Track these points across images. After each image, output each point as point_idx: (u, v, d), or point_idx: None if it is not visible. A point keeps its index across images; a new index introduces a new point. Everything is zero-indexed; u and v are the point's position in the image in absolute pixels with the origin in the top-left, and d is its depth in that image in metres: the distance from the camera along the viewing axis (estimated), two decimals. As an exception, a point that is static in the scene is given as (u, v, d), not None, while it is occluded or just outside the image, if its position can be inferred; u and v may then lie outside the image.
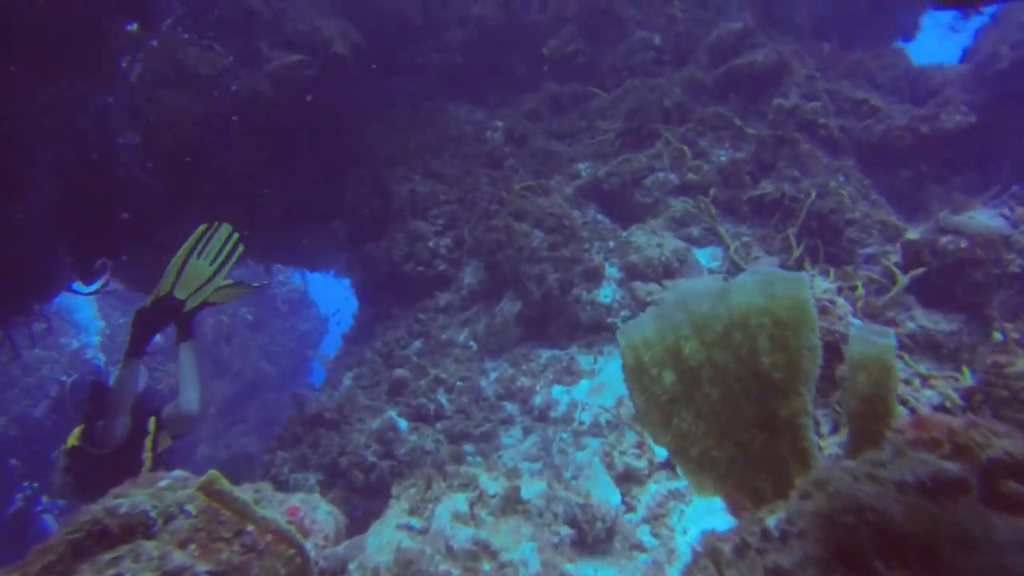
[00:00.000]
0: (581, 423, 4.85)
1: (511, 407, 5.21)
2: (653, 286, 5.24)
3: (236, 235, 3.58)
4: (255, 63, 6.54)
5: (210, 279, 3.54)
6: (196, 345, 4.09)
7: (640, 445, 4.21)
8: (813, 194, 5.18)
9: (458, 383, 5.46)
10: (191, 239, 3.52)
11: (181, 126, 6.21)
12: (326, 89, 7.12)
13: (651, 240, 5.64)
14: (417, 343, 6.22)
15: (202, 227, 3.54)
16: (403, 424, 5.26)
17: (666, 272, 5.53)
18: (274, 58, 6.59)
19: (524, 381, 5.35)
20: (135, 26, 5.38)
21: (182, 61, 5.78)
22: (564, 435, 4.83)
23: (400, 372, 5.59)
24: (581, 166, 7.03)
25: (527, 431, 5.06)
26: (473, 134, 7.82)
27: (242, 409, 14.99)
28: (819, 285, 3.85)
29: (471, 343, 5.95)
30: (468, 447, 4.99)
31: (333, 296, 11.85)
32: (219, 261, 3.53)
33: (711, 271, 5.65)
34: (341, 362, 7.27)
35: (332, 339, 14.62)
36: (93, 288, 9.31)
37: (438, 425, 5.24)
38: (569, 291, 5.72)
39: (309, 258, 8.98)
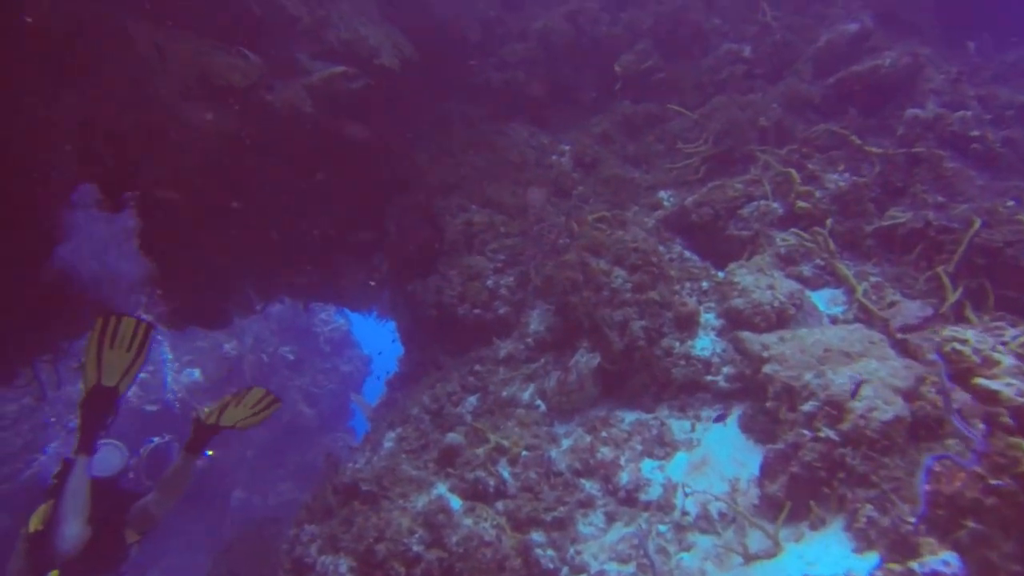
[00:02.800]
0: (685, 513, 3.79)
1: (590, 486, 4.19)
2: (768, 338, 4.20)
3: (144, 325, 3.67)
4: (292, 74, 5.82)
5: (132, 364, 3.63)
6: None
7: (772, 551, 3.15)
8: (977, 223, 4.09)
9: (523, 453, 4.47)
10: (95, 332, 3.57)
11: (207, 146, 5.50)
12: (372, 106, 6.37)
13: (759, 281, 4.61)
14: (472, 400, 5.27)
15: (100, 320, 3.59)
16: (456, 503, 4.29)
17: (779, 320, 4.48)
18: (315, 70, 5.87)
19: (605, 452, 4.34)
20: None
21: (207, 70, 5.07)
22: (662, 528, 3.78)
23: (453, 437, 4.64)
24: (663, 195, 6.08)
25: (611, 518, 4.02)
26: (536, 159, 6.97)
27: (280, 453, 14.22)
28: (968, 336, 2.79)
29: (538, 403, 4.97)
30: (537, 536, 3.98)
31: (378, 336, 11.04)
32: (135, 346, 3.62)
33: (833, 319, 4.59)
34: (383, 414, 6.37)
35: (375, 382, 13.81)
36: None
37: (499, 505, 4.25)
38: (658, 342, 4.72)
39: (347, 296, 8.17)
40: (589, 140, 7.01)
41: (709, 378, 4.57)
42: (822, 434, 3.17)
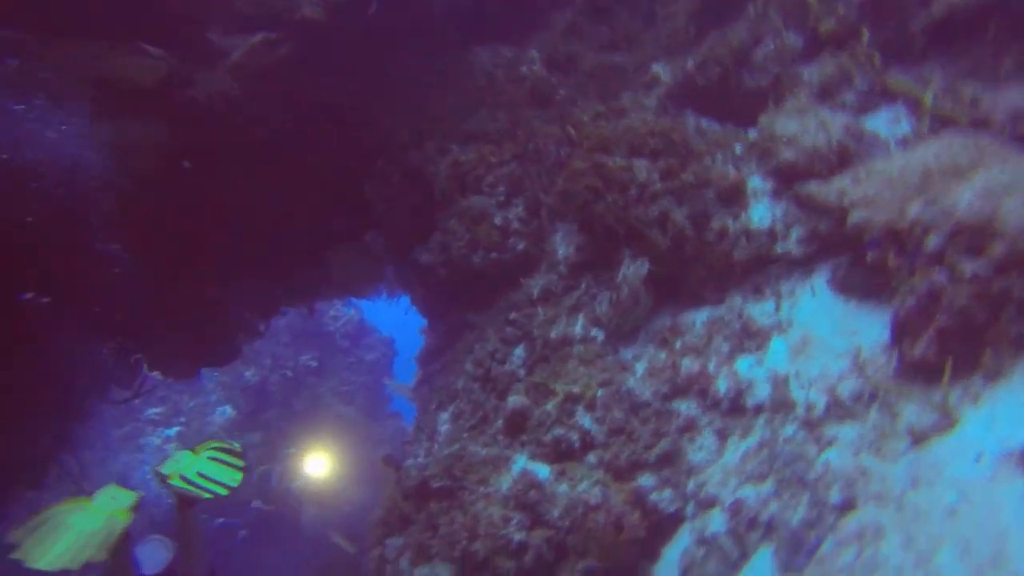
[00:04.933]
0: (809, 406, 3.22)
1: (686, 407, 3.62)
2: (840, 182, 3.55)
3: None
4: (210, 59, 5.04)
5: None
6: None
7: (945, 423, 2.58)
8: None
9: (599, 393, 3.90)
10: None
11: (145, 170, 4.79)
12: (309, 72, 5.59)
13: (806, 123, 3.94)
14: (519, 352, 4.68)
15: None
16: (543, 471, 3.74)
17: (841, 161, 3.82)
18: (233, 47, 5.07)
19: (688, 364, 3.76)
20: None
21: (110, 75, 4.31)
22: (788, 430, 3.22)
23: (515, 400, 4.06)
24: (656, 69, 5.32)
25: (723, 435, 3.47)
26: (506, 76, 6.19)
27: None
28: None
29: (593, 332, 4.37)
30: (646, 480, 3.44)
31: (392, 312, 10.48)
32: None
33: (902, 141, 3.91)
34: (424, 394, 5.82)
35: (404, 361, 13.31)
36: (135, 391, 8.12)
37: (591, 459, 3.71)
38: (707, 226, 4.08)
39: (349, 285, 7.51)
40: (557, 38, 6.21)
41: (779, 248, 3.94)
42: (966, 270, 2.55)
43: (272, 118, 5.48)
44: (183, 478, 3.63)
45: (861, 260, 3.32)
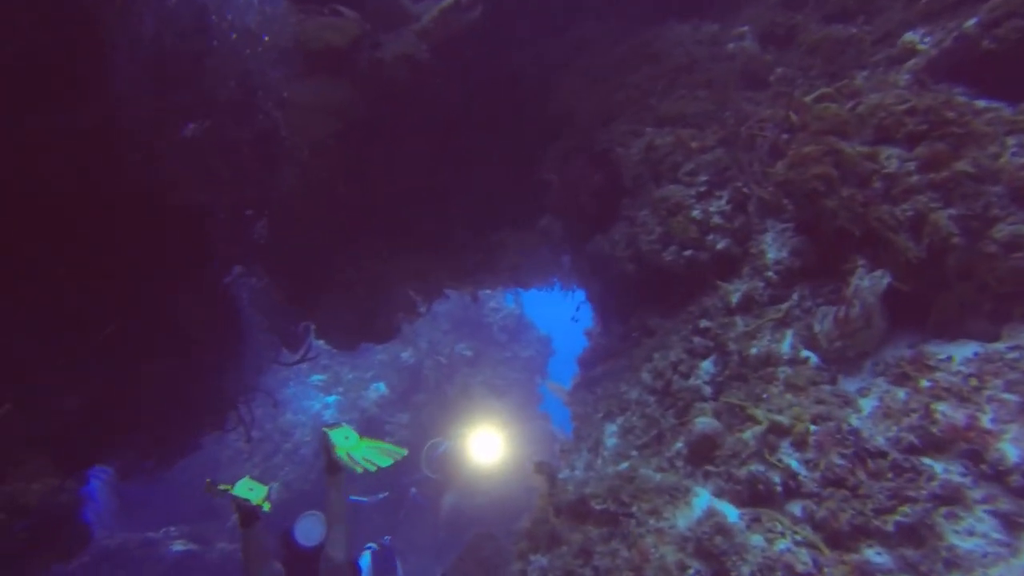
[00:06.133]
0: None
1: (945, 468, 2.74)
2: None
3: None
4: (401, 23, 4.81)
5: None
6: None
7: None
8: None
9: (811, 428, 3.12)
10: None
11: (326, 131, 4.67)
12: (498, 41, 5.22)
13: None
14: (707, 366, 3.98)
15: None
16: (732, 513, 3.04)
17: None
18: (419, 12, 4.81)
19: (947, 412, 2.86)
20: None
21: (302, 36, 4.17)
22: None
23: (705, 423, 3.38)
24: (912, 37, 4.34)
25: (1013, 523, 2.54)
26: (709, 53, 5.47)
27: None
28: None
29: (805, 353, 3.57)
30: (879, 556, 2.63)
31: (555, 312, 10.10)
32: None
33: None
34: (585, 399, 5.26)
35: (560, 362, 12.86)
36: (301, 355, 8.39)
37: (795, 510, 2.95)
38: (986, 233, 3.13)
39: (518, 274, 7.12)
40: (771, 9, 5.39)
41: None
42: None
43: (452, 88, 5.20)
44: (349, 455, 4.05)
45: None
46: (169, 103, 4.36)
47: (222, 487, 3.63)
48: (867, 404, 3.15)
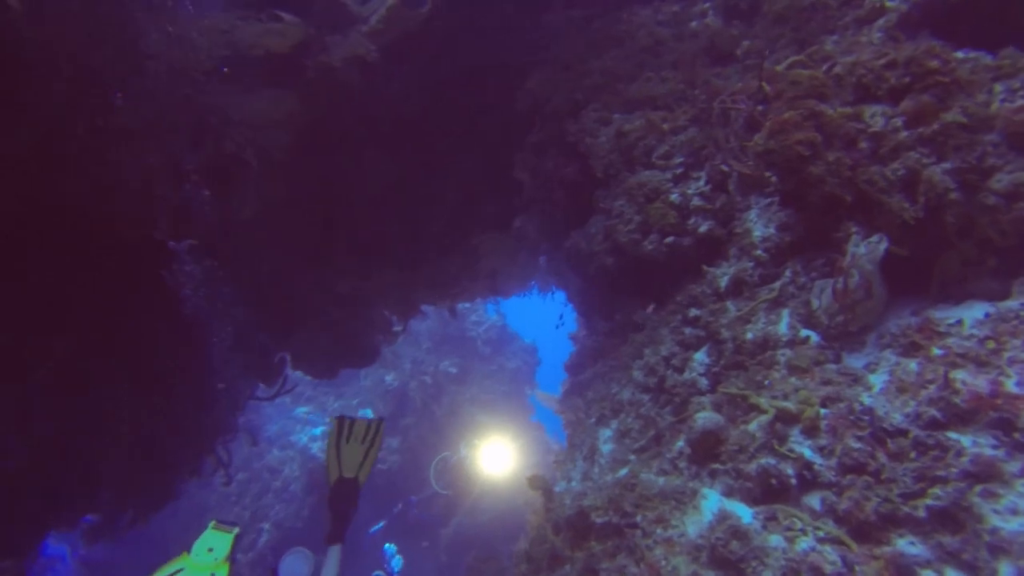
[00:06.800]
0: None
1: (971, 440, 2.49)
2: None
3: (378, 422, 3.70)
4: (347, 26, 4.55)
5: (366, 455, 3.62)
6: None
7: None
8: None
9: (821, 412, 2.87)
10: (333, 432, 3.61)
11: (277, 147, 4.39)
12: (451, 37, 4.99)
13: None
14: (701, 357, 3.73)
15: (336, 421, 3.65)
16: (746, 513, 2.77)
17: None
18: (372, 12, 4.56)
19: (967, 379, 2.62)
20: None
21: (240, 43, 3.89)
22: None
23: (706, 418, 3.11)
24: (881, -3, 4.16)
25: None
26: (673, 33, 5.28)
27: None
28: None
29: (804, 332, 3.33)
30: (913, 546, 2.37)
31: (539, 319, 9.84)
32: (367, 440, 3.63)
33: None
34: (577, 405, 4.98)
35: (548, 370, 12.59)
36: (277, 388, 8.03)
37: (812, 503, 2.69)
38: (983, 185, 2.92)
39: (496, 281, 6.85)
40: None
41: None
42: None
43: (413, 89, 4.95)
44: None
45: None
46: (106, 124, 4.04)
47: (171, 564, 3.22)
48: (877, 380, 2.90)
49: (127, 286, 4.71)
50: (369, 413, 13.41)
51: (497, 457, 10.63)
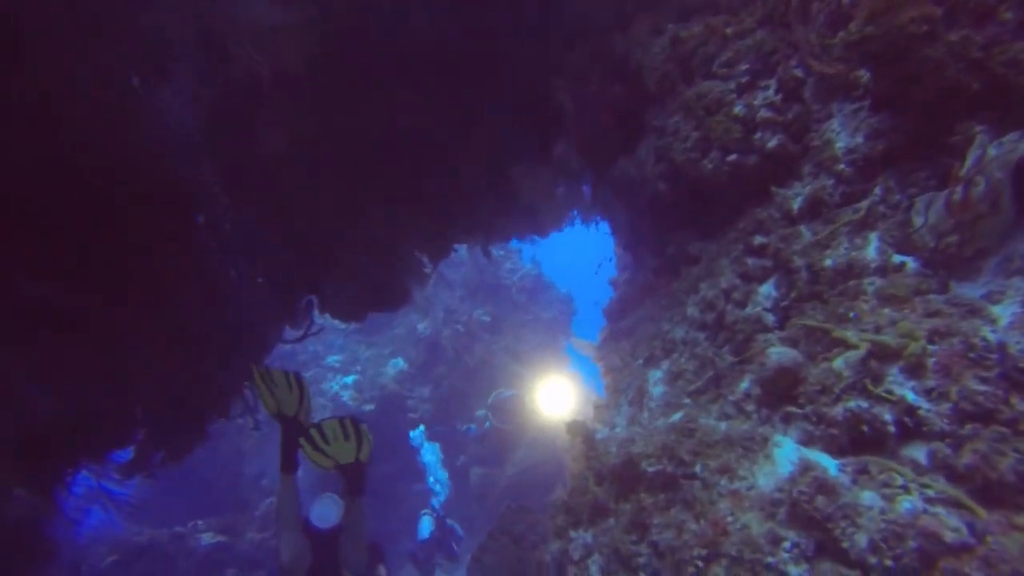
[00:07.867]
0: None
1: None
2: None
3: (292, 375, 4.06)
4: None
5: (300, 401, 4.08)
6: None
7: None
8: None
9: (928, 347, 2.36)
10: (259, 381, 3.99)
11: (293, 64, 3.94)
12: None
13: None
14: (767, 289, 3.23)
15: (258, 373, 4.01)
16: (831, 465, 2.31)
17: None
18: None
19: (1122, 308, 2.09)
20: None
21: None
22: None
23: (779, 355, 2.64)
24: None
25: None
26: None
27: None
28: None
29: (900, 258, 2.80)
30: (1052, 508, 1.89)
31: (573, 269, 9.34)
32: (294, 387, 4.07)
33: None
34: (619, 347, 4.55)
35: (584, 322, 12.13)
36: (304, 331, 7.78)
37: (918, 455, 2.21)
38: None
39: (533, 216, 6.33)
40: None
41: None
42: None
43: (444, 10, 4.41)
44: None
45: None
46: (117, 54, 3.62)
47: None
48: (1004, 311, 2.38)
49: (155, 234, 4.39)
50: (400, 363, 13.17)
51: (556, 397, 10.06)
